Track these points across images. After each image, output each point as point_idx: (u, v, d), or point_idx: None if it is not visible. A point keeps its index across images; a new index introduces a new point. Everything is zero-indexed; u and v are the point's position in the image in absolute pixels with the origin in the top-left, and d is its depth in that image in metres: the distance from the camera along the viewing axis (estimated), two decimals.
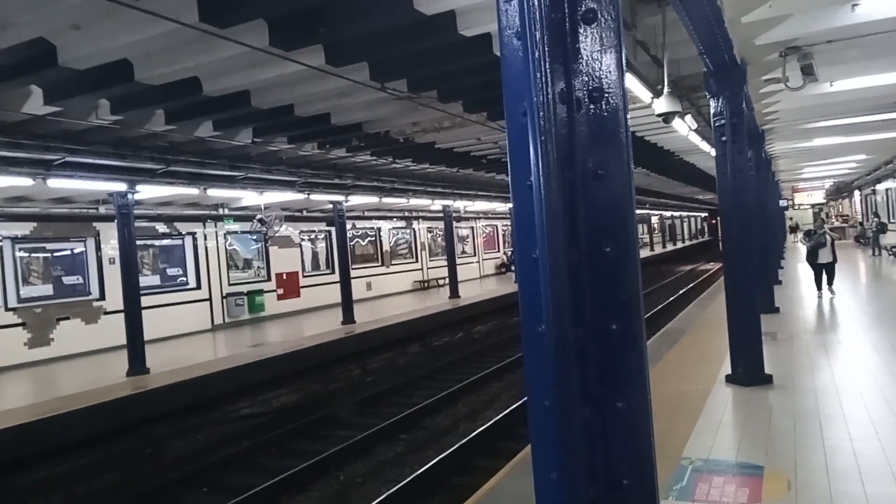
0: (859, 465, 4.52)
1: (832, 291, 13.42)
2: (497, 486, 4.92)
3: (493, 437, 9.03)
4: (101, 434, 8.76)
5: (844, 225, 38.02)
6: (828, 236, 13.82)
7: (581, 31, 1.62)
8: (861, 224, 32.55)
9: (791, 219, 45.10)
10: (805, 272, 20.80)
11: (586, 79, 1.63)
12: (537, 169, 1.64)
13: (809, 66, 6.61)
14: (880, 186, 28.16)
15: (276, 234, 17.51)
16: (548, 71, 1.58)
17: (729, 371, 7.14)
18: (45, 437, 8.15)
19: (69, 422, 8.43)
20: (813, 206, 50.44)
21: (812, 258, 13.77)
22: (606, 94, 1.64)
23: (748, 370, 6.96)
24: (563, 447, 1.72)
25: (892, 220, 25.73)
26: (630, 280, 1.72)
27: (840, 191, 38.52)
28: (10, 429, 7.93)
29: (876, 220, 27.47)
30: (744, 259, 7.13)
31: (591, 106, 1.64)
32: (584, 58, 1.62)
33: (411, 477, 7.47)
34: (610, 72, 1.63)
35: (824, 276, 13.66)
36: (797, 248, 32.36)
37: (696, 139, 11.63)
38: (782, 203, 32.03)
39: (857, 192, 36.06)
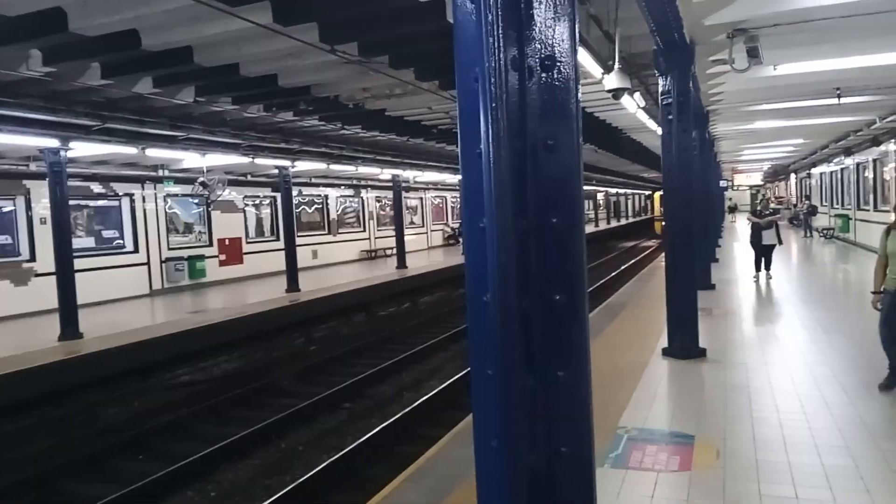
0: (784, 436, 4.75)
1: (769, 275, 13.32)
2: (438, 455, 4.97)
3: (436, 407, 9.13)
4: (30, 400, 8.45)
5: (780, 207, 39.54)
6: (775, 217, 13.57)
7: None
8: (795, 206, 33.92)
9: (730, 199, 46.65)
10: (741, 252, 21.65)
11: (539, 46, 1.61)
12: (487, 137, 1.62)
13: (755, 49, 6.76)
14: (815, 171, 29.32)
15: (219, 199, 17.01)
16: (500, 36, 1.55)
17: (666, 344, 7.37)
18: None
19: None
20: (751, 187, 52.22)
21: (756, 239, 13.37)
22: (559, 64, 1.62)
23: (684, 344, 7.21)
24: (504, 415, 1.73)
25: (823, 204, 26.88)
26: (576, 252, 1.73)
27: (777, 174, 39.95)
28: None
29: (807, 202, 28.70)
30: (685, 236, 7.34)
31: (543, 75, 1.63)
32: (538, 25, 1.60)
33: (353, 445, 7.49)
34: (563, 41, 1.62)
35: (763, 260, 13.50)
36: (734, 229, 33.51)
37: (643, 117, 11.81)
38: (722, 184, 33.04)
39: (793, 176, 37.45)
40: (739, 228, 33.84)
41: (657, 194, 41.36)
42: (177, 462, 7.32)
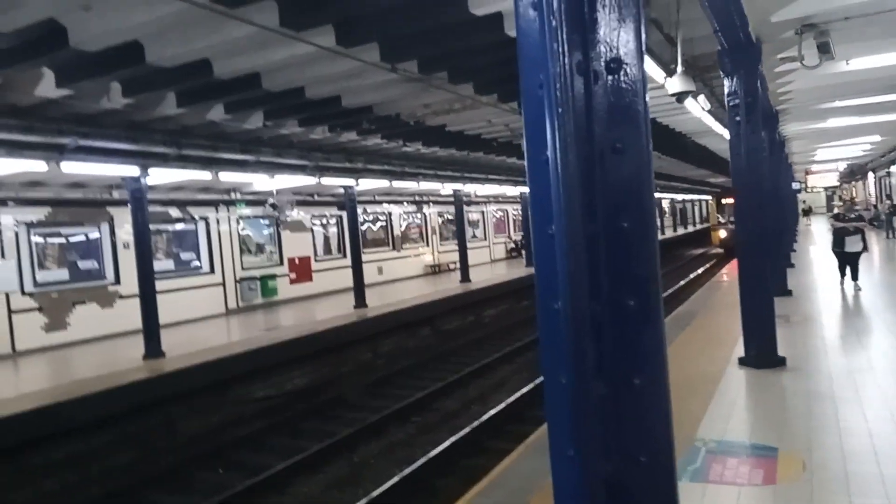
0: (875, 446, 4.49)
1: (858, 286, 11.73)
2: (510, 467, 4.94)
3: (503, 420, 9.07)
4: (118, 416, 8.86)
5: (858, 209, 37.52)
6: (861, 223, 12.09)
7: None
8: (875, 207, 32.19)
9: (804, 202, 44.70)
10: (819, 256, 20.66)
11: (604, 49, 1.60)
12: (554, 142, 1.61)
13: (826, 44, 6.50)
14: (895, 168, 27.78)
15: (288, 219, 17.53)
16: (564, 41, 1.55)
17: (742, 353, 7.11)
18: (65, 419, 8.25)
19: (87, 404, 8.53)
20: (826, 188, 49.92)
21: (838, 246, 12.00)
22: (625, 66, 1.61)
23: (761, 352, 6.92)
24: (578, 423, 1.71)
25: None
26: (647, 256, 1.70)
27: (854, 173, 38.02)
28: (31, 411, 8.03)
29: (889, 202, 27.17)
30: (757, 241, 7.07)
31: (609, 77, 1.62)
32: (602, 28, 1.59)
33: (424, 459, 7.53)
34: (628, 43, 1.60)
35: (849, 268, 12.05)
36: (809, 232, 32.08)
37: (709, 120, 11.50)
38: (795, 186, 31.72)
39: (870, 175, 35.58)
40: (815, 231, 32.37)
41: (713, 200, 37.91)
42: (254, 474, 7.53)
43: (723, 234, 32.20)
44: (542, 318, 1.79)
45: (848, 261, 11.97)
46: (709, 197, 47.44)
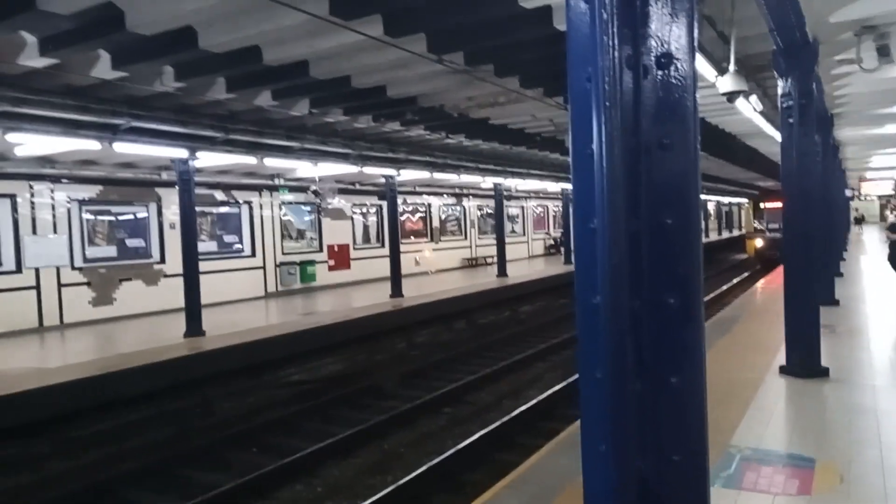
0: None
1: None
2: (539, 462, 4.93)
3: (535, 416, 9.05)
4: (157, 391, 9.12)
5: None
6: None
7: None
8: None
9: (856, 210, 43.29)
10: (870, 267, 20.01)
11: (655, 44, 1.59)
12: (600, 136, 1.61)
13: (886, 47, 6.28)
14: None
15: (330, 206, 17.76)
16: (615, 34, 1.54)
17: (783, 362, 6.94)
18: (107, 391, 8.54)
19: (129, 378, 8.81)
20: (880, 197, 48.26)
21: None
22: (675, 61, 1.59)
23: (804, 361, 6.75)
24: (613, 419, 1.71)
25: None
26: (690, 253, 1.69)
27: None
28: (77, 381, 8.33)
29: None
30: (805, 248, 6.89)
31: (659, 73, 1.60)
32: (654, 22, 1.58)
33: (453, 450, 7.56)
34: (680, 38, 1.58)
35: None
36: (860, 241, 31.06)
37: (760, 121, 11.21)
38: (848, 193, 30.72)
39: None
40: (867, 241, 31.34)
41: (749, 204, 32.02)
42: (287, 456, 7.67)
43: (759, 243, 27.74)
44: (580, 313, 1.79)
45: None
46: (745, 200, 39.48)
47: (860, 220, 45.44)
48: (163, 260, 14.60)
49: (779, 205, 24.99)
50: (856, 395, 6.07)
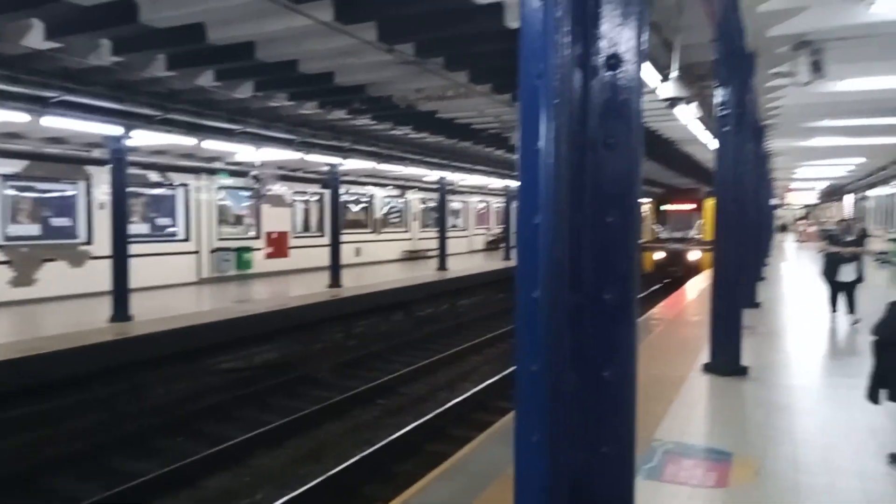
0: (827, 459, 4.62)
1: (856, 319, 9.74)
2: (472, 453, 4.99)
3: (469, 409, 9.15)
4: (80, 377, 8.74)
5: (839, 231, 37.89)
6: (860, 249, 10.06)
7: None
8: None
9: (780, 218, 45.40)
10: (789, 271, 21.05)
11: (605, 45, 1.63)
12: (547, 133, 1.64)
13: (819, 62, 6.60)
14: (871, 192, 28.32)
15: (269, 193, 17.39)
16: (567, 33, 1.57)
17: (707, 360, 7.24)
18: (27, 375, 8.14)
19: (50, 362, 8.41)
20: (804, 206, 50.75)
21: (830, 273, 10.16)
22: (623, 63, 1.64)
23: (726, 360, 7.05)
24: (547, 411, 1.75)
25: (878, 227, 25.93)
26: (629, 252, 1.74)
27: (832, 193, 38.70)
28: None
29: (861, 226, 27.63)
30: (733, 251, 7.18)
31: (608, 73, 1.64)
32: (605, 23, 1.62)
33: (385, 441, 7.57)
34: (629, 40, 1.63)
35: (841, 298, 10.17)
36: (783, 248, 32.60)
37: (697, 128, 11.61)
38: (774, 202, 32.14)
39: (848, 197, 36.24)
40: (788, 248, 32.93)
41: (652, 206, 24.29)
42: (215, 445, 7.52)
43: (658, 255, 22.31)
44: (520, 306, 1.82)
45: (841, 290, 10.17)
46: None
47: (784, 228, 47.67)
48: (90, 241, 13.99)
49: (687, 207, 22.90)
50: (773, 393, 6.39)
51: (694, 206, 22.54)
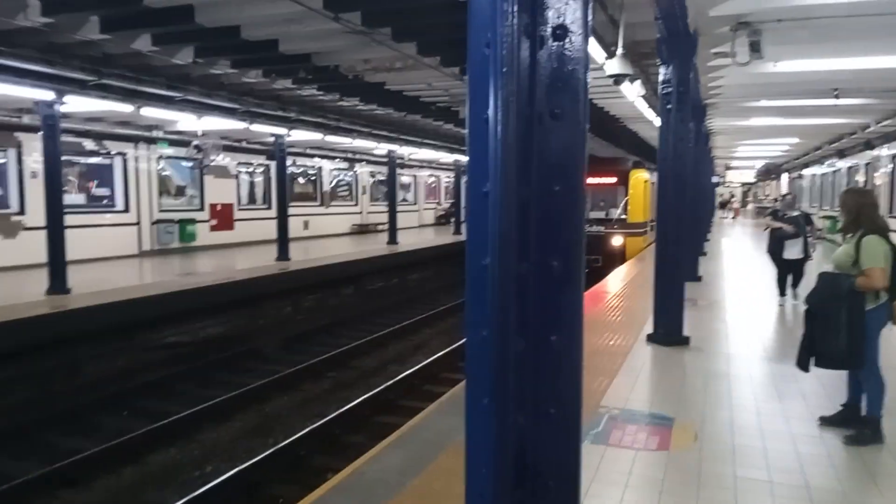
0: (761, 423, 4.86)
1: (796, 295, 9.61)
2: (423, 422, 5.05)
3: (419, 381, 9.23)
4: (13, 352, 8.43)
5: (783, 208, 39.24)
6: (802, 222, 9.69)
7: None
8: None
9: (721, 195, 46.80)
10: (730, 246, 21.82)
11: (552, 15, 1.64)
12: (496, 102, 1.65)
13: (757, 43, 6.79)
14: (806, 171, 29.50)
15: (213, 164, 16.92)
16: (514, 2, 1.58)
17: (651, 331, 7.48)
18: None
19: None
20: (743, 184, 52.44)
21: (776, 249, 9.81)
22: (570, 34, 1.65)
23: (668, 331, 7.31)
24: (496, 375, 1.78)
25: (812, 206, 27.08)
26: (575, 220, 1.78)
27: (769, 172, 40.11)
28: None
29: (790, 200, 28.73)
30: (675, 226, 7.41)
31: (555, 44, 1.66)
32: None
33: (335, 413, 7.59)
34: (576, 11, 1.65)
35: (790, 278, 9.81)
36: (722, 224, 33.73)
37: (642, 106, 11.83)
38: (715, 179, 33.11)
39: (784, 175, 37.67)
40: (728, 224, 34.07)
41: None
42: (160, 420, 7.39)
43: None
44: (470, 274, 1.84)
45: (789, 269, 9.81)
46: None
47: (724, 205, 49.21)
48: (22, 211, 13.38)
49: (609, 181, 17.51)
50: (712, 361, 6.66)
51: (616, 179, 17.85)
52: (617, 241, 17.19)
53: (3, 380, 8.29)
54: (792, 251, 9.62)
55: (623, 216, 17.53)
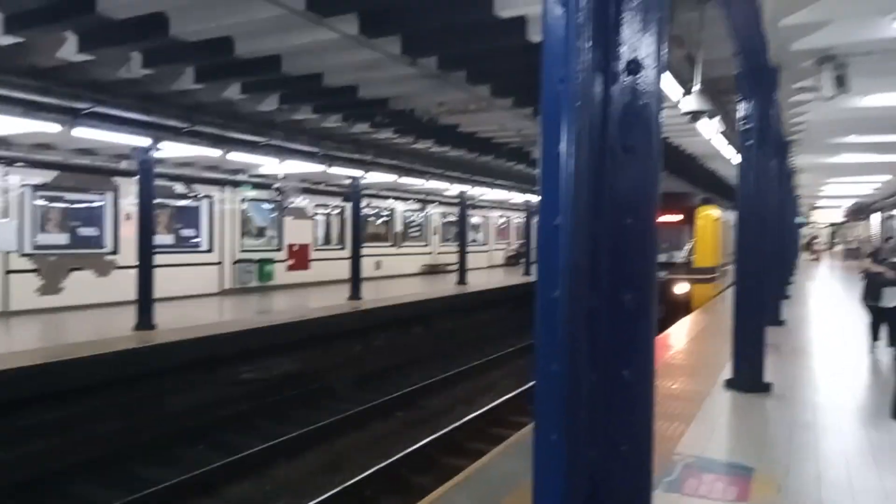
0: (851, 477, 4.55)
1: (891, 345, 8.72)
2: (488, 465, 4.98)
3: (486, 423, 9.12)
4: (103, 384, 8.87)
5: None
6: None
7: (625, 1, 1.65)
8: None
9: (804, 237, 44.73)
10: (814, 290, 20.72)
11: (625, 51, 1.67)
12: (569, 136, 1.68)
13: (843, 77, 6.56)
14: None
15: (292, 205, 17.58)
16: (588, 38, 1.62)
17: (729, 376, 7.16)
18: (53, 380, 8.28)
19: (75, 368, 8.55)
20: (830, 224, 50.01)
21: (872, 298, 9.01)
22: (643, 68, 1.67)
23: (748, 377, 6.97)
24: (567, 409, 1.77)
25: None
26: (647, 254, 1.77)
27: (859, 212, 38.10)
28: (21, 368, 8.05)
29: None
30: (756, 268, 7.12)
31: (628, 79, 1.68)
32: (626, 30, 1.66)
33: (403, 453, 7.57)
34: (649, 46, 1.67)
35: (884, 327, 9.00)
36: (809, 266, 32.12)
37: (719, 143, 11.56)
38: (799, 219, 31.72)
39: (875, 215, 35.68)
40: (814, 266, 32.42)
41: None
42: (236, 453, 7.57)
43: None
44: (540, 307, 1.85)
45: (885, 318, 8.98)
46: None
47: (809, 246, 46.99)
48: (116, 251, 14.24)
49: (673, 219, 15.43)
50: (797, 410, 6.30)
51: (681, 217, 15.63)
52: (681, 288, 15.15)
53: (94, 410, 8.72)
54: (891, 298, 8.71)
55: (689, 259, 15.60)
